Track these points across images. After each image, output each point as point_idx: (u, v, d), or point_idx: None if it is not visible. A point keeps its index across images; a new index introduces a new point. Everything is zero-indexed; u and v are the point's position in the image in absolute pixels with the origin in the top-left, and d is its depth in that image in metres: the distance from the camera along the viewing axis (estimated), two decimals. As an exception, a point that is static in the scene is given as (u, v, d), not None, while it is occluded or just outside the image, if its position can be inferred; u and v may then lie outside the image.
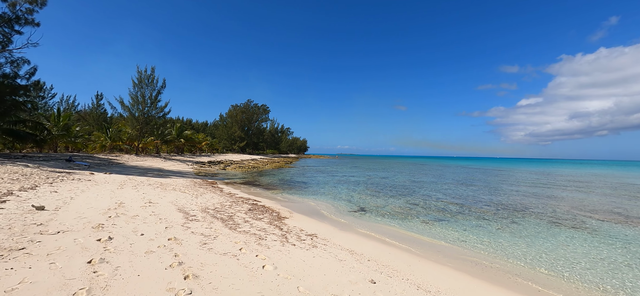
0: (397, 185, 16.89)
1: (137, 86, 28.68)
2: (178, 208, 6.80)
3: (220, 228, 5.47)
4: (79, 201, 6.35)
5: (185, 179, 14.68)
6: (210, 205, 7.88)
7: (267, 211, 7.76)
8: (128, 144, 31.46)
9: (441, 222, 7.74)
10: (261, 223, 6.28)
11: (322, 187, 15.29)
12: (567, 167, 64.61)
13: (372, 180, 20.34)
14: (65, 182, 8.98)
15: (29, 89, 19.25)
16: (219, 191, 11.42)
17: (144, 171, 17.11)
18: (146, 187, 10.00)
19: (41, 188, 7.34)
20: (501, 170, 40.07)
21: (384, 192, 13.65)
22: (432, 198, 12.05)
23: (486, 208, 9.91)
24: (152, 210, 6.26)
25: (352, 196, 12.19)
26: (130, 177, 12.96)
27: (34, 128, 21.70)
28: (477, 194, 13.77)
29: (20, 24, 16.23)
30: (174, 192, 9.52)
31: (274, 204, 9.23)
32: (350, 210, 9.17)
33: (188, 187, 11.46)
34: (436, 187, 16.44)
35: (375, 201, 11.05)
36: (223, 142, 63.19)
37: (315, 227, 6.48)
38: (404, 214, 8.71)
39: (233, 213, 7.00)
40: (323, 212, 8.67)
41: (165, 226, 5.04)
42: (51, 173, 10.37)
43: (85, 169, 14.20)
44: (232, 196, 10.28)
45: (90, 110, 38.71)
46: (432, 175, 26.75)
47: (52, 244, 3.52)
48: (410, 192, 14.02)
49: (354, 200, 11.24)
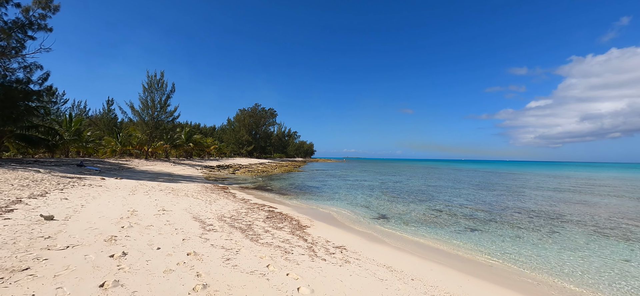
0: (413, 190, 16.24)
1: (147, 91, 28.75)
2: (193, 217, 6.38)
3: (241, 239, 5.01)
4: (90, 209, 5.98)
5: (196, 184, 14.35)
6: (226, 212, 7.45)
7: (286, 219, 7.28)
8: (138, 148, 31.53)
9: (475, 233, 7.13)
10: (283, 233, 5.80)
11: (336, 192, 14.76)
12: (582, 169, 62.52)
13: (386, 184, 19.71)
14: (76, 188, 8.69)
15: (42, 94, 19.30)
16: (232, 197, 11.01)
17: (154, 176, 16.88)
18: (158, 193, 9.66)
19: (51, 195, 7.03)
20: (516, 174, 38.84)
21: (402, 198, 13.04)
22: (454, 204, 11.40)
23: (518, 216, 9.23)
24: (167, 219, 5.85)
25: (370, 202, 11.62)
26: (141, 182, 12.68)
27: (46, 134, 21.80)
28: (500, 199, 13.04)
29: (33, 30, 16.28)
30: (186, 198, 9.14)
31: (291, 211, 8.75)
32: (371, 217, 8.62)
33: (200, 193, 11.09)
34: (455, 192, 15.74)
35: (396, 207, 10.47)
36: (231, 146, 63.25)
37: (341, 238, 5.97)
38: (431, 222, 8.11)
39: (251, 222, 6.54)
40: (344, 220, 8.14)
41: (182, 238, 4.60)
42: (62, 179, 10.12)
43: (96, 174, 14.01)
44: (246, 202, 9.85)
45: (101, 115, 39.11)
46: (446, 179, 25.93)
47: (60, 262, 3.10)
48: (429, 197, 13.37)
49: (372, 206, 10.68)
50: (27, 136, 19.88)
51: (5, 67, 16.00)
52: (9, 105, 16.83)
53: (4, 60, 15.72)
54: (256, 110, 71.89)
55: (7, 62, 15.91)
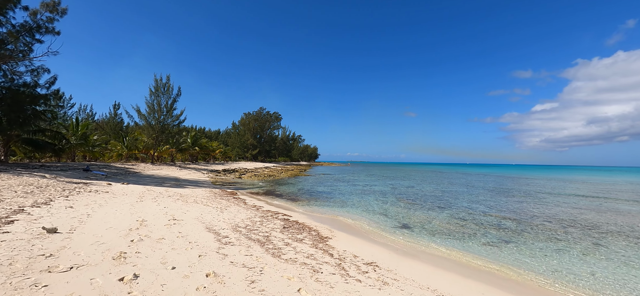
0: (428, 196, 15.63)
1: (154, 94, 28.59)
2: (206, 227, 5.90)
3: (261, 254, 4.51)
4: (97, 219, 5.54)
5: (204, 189, 13.92)
6: (240, 221, 6.96)
7: (304, 229, 6.77)
8: (144, 153, 31.34)
9: (509, 245, 6.54)
10: (304, 247, 5.30)
11: (348, 198, 14.21)
12: (593, 174, 61.07)
13: (397, 189, 19.10)
14: (82, 194, 8.29)
15: (49, 98, 19.12)
16: (243, 203, 10.54)
17: (160, 181, 16.51)
18: (166, 200, 9.22)
19: (56, 202, 6.62)
20: (528, 178, 37.89)
21: (418, 204, 12.45)
22: (477, 212, 10.79)
23: (549, 225, 8.60)
24: (179, 230, 5.38)
25: (386, 209, 11.06)
26: (148, 187, 12.28)
27: (53, 138, 21.62)
28: (523, 206, 12.38)
29: (41, 33, 16.13)
30: (196, 205, 8.69)
31: (307, 220, 8.24)
32: (393, 226, 8.07)
33: (209, 199, 10.64)
34: (472, 198, 15.09)
35: (416, 215, 9.90)
36: (236, 150, 63.06)
37: (368, 252, 5.44)
38: (457, 233, 7.54)
39: (268, 233, 6.04)
40: (365, 230, 7.60)
41: (198, 254, 4.12)
42: (68, 185, 9.75)
43: (103, 179, 13.67)
44: (258, 209, 9.37)
45: (108, 119, 39.14)
46: (458, 184, 25.21)
47: (62, 290, 2.63)
48: (447, 204, 12.75)
49: (390, 213, 10.12)
50: (34, 140, 19.70)
51: (12, 70, 15.83)
52: (15, 109, 16.66)
53: (11, 64, 15.55)
54: (261, 113, 71.78)
55: (15, 65, 15.75)
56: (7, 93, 16.33)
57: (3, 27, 14.75)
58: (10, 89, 16.41)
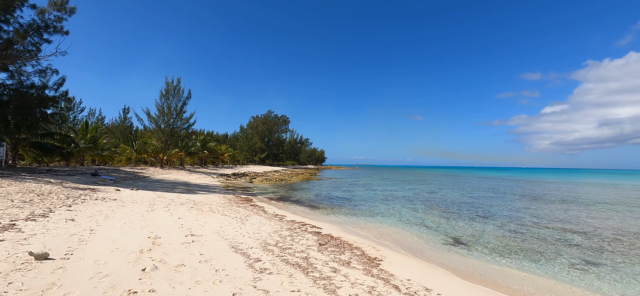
0: (458, 203, 14.36)
1: (164, 97, 28.02)
2: (232, 246, 4.87)
3: (310, 288, 3.44)
4: (101, 236, 4.56)
5: (217, 195, 12.97)
6: (266, 235, 5.92)
7: (344, 247, 5.67)
8: (153, 156, 30.75)
9: (601, 268, 5.33)
10: (356, 273, 4.21)
11: (373, 204, 13.05)
12: (616, 177, 58.41)
13: (420, 195, 17.85)
14: (87, 203, 7.37)
15: (58, 101, 18.50)
16: (262, 211, 9.51)
17: (171, 186, 15.65)
18: (179, 208, 8.26)
19: (56, 214, 5.69)
20: (551, 182, 36.05)
21: (455, 213, 11.23)
22: (526, 222, 9.53)
23: (625, 240, 7.31)
24: (200, 251, 4.35)
25: (422, 219, 9.89)
26: (159, 193, 11.37)
27: (62, 142, 21.06)
28: (575, 216, 11.04)
29: (49, 32, 15.54)
30: (213, 215, 7.70)
31: (342, 233, 7.14)
32: (442, 242, 6.91)
33: (225, 206, 9.65)
34: (509, 205, 13.78)
35: (459, 227, 8.71)
36: (244, 154, 62.44)
37: (436, 280, 4.32)
38: (525, 251, 6.34)
39: (305, 253, 4.97)
40: (415, 247, 6.45)
41: (231, 292, 3.06)
42: (72, 192, 8.88)
43: (111, 184, 12.85)
44: (281, 219, 8.32)
45: (117, 123, 38.83)
46: (482, 189, 23.79)
47: None
48: (486, 213, 11.49)
49: (430, 224, 8.95)
50: (42, 144, 19.14)
51: (19, 71, 15.25)
52: (23, 111, 16.06)
53: (18, 64, 14.97)
54: (269, 116, 71.17)
55: (22, 65, 15.16)
56: (15, 95, 15.77)
57: (10, 26, 14.18)
58: (18, 91, 15.84)
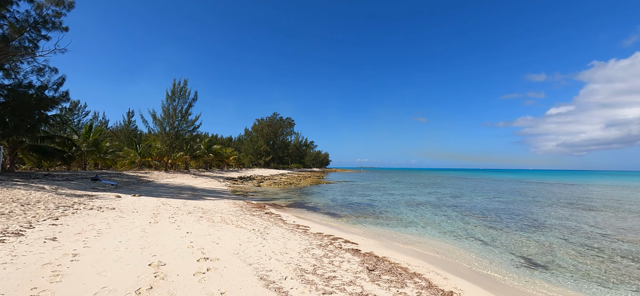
0: (492, 209, 13.02)
1: (170, 99, 27.09)
2: (259, 275, 3.66)
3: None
4: (85, 265, 3.39)
5: (226, 202, 11.82)
6: (296, 256, 4.71)
7: (402, 274, 4.43)
8: (157, 160, 29.81)
9: None
10: (438, 319, 2.97)
11: (399, 212, 11.76)
12: (632, 179, 56.24)
13: (444, 200, 16.52)
14: (79, 214, 6.25)
15: (58, 102, 17.52)
16: (280, 221, 8.31)
17: (176, 191, 14.55)
18: (187, 218, 7.10)
19: (36, 230, 4.55)
20: (571, 185, 34.37)
21: (499, 222, 9.94)
22: (591, 234, 8.23)
23: None
24: (219, 288, 3.16)
25: (467, 229, 8.62)
26: (164, 200, 10.25)
27: (63, 145, 20.10)
28: (637, 224, 9.66)
29: (47, 28, 14.62)
30: (226, 227, 6.52)
31: (384, 250, 5.91)
32: (512, 263, 5.64)
33: (238, 215, 8.48)
34: (552, 212, 12.43)
35: (519, 240, 7.44)
36: (249, 157, 61.42)
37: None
38: (622, 274, 5.04)
39: (359, 287, 3.75)
40: (489, 274, 5.14)
41: None
42: (66, 199, 7.78)
43: (112, 190, 11.77)
44: (305, 232, 7.12)
45: (122, 127, 38.02)
46: (505, 192, 22.37)
47: None
48: (532, 221, 10.17)
49: (481, 237, 7.68)
50: (42, 147, 18.20)
51: (15, 68, 14.31)
52: (22, 113, 15.09)
53: (14, 61, 14.04)
54: (274, 119, 70.22)
55: (19, 63, 14.24)
56: (12, 96, 14.85)
57: (5, 21, 13.28)
58: (16, 91, 14.91)
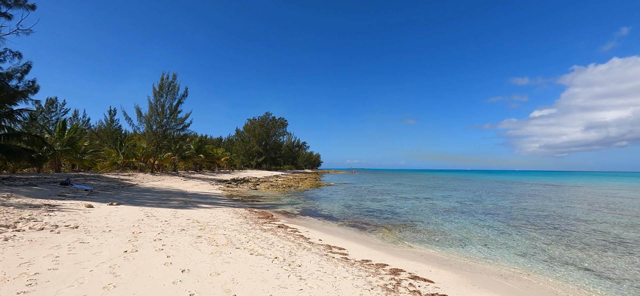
0: (531, 215, 11.62)
1: (157, 94, 24.69)
2: None
3: None
4: None
5: (225, 210, 9.90)
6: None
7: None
8: (142, 161, 27.25)
9: None
10: None
11: (434, 222, 10.04)
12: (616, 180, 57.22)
13: (467, 205, 15.09)
14: (21, 237, 4.27)
15: (24, 94, 15.03)
16: (302, 239, 6.52)
17: (164, 196, 12.46)
18: (179, 239, 5.21)
19: None
20: (574, 187, 33.93)
21: (563, 237, 8.45)
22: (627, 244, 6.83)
23: None
24: None
25: (540, 247, 7.08)
26: (148, 210, 8.23)
27: (32, 143, 17.50)
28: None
29: (7, 5, 12.33)
30: (236, 253, 4.68)
31: (466, 292, 4.22)
32: None
33: (246, 232, 6.62)
34: (596, 216, 11.13)
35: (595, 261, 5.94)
36: (241, 158, 58.92)
37: None
38: None
39: None
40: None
41: None
42: (14, 212, 5.73)
43: (84, 197, 9.63)
44: (346, 259, 5.36)
45: (104, 127, 34.95)
46: (512, 195, 21.30)
47: None
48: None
49: (561, 257, 6.13)
50: (5, 146, 15.66)
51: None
52: (-24, 105, 12.72)
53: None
54: (267, 119, 67.92)
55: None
56: (-37, 84, 12.47)
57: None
58: (-31, 80, 12.53)
